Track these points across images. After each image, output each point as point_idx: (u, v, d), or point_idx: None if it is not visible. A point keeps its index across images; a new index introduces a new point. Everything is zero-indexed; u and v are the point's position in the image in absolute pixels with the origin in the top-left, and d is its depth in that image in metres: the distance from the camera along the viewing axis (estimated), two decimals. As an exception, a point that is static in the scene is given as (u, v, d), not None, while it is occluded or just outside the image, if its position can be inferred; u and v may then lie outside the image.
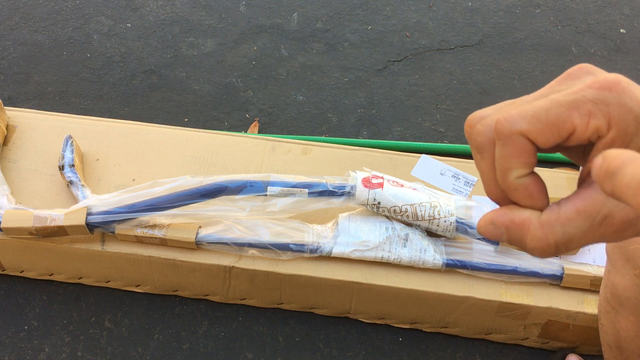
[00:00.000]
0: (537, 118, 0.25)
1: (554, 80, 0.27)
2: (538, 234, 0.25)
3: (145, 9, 1.30)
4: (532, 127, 0.25)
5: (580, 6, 1.35)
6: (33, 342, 0.81)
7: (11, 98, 1.12)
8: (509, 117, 0.25)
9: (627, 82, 0.25)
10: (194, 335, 0.83)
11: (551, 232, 0.25)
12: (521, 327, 0.78)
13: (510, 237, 0.27)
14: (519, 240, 0.26)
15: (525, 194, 0.26)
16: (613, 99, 0.24)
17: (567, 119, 0.24)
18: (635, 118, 0.24)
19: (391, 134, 1.10)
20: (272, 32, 1.27)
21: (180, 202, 0.73)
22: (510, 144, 0.25)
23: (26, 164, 0.85)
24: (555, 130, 0.25)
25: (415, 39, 1.27)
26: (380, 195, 0.73)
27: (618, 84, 0.24)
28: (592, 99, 0.24)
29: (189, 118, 1.11)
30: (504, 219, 0.26)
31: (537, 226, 0.25)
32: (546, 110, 0.25)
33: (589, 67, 0.26)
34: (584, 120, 0.24)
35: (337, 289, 0.77)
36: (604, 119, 0.24)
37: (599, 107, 0.24)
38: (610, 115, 0.24)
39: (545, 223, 0.25)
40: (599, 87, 0.24)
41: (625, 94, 0.24)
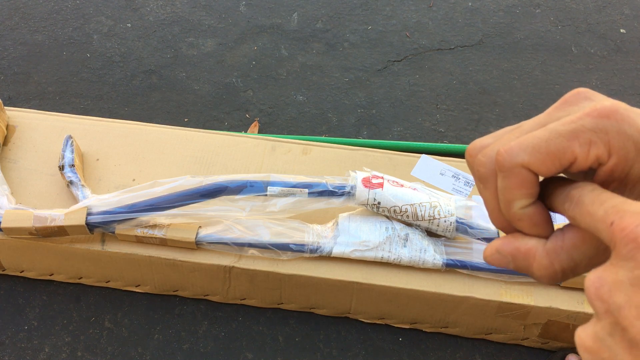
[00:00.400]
0: (538, 149, 0.25)
1: (551, 107, 0.28)
2: (544, 262, 0.26)
3: (145, 9, 1.30)
4: (532, 159, 0.25)
5: (580, 6, 1.35)
6: (33, 342, 0.81)
7: (11, 98, 1.12)
8: (510, 150, 0.25)
9: (625, 108, 0.25)
10: (194, 335, 0.83)
11: (557, 260, 0.25)
12: (521, 327, 0.78)
13: (516, 265, 0.27)
14: (526, 268, 0.27)
15: (530, 223, 0.26)
16: (612, 127, 0.24)
17: (567, 149, 0.25)
18: (635, 144, 0.24)
19: (391, 134, 1.10)
20: (272, 32, 1.27)
21: (180, 202, 0.73)
22: (512, 176, 0.25)
23: (26, 164, 0.85)
24: (557, 161, 0.25)
25: (415, 39, 1.27)
26: (380, 195, 0.73)
27: (616, 112, 0.25)
28: (591, 127, 0.24)
29: (189, 118, 1.11)
30: (510, 247, 0.27)
31: (542, 254, 0.26)
32: (546, 141, 0.25)
33: (586, 92, 0.27)
34: (585, 149, 0.25)
35: (337, 289, 0.77)
36: (604, 147, 0.24)
37: (599, 136, 0.24)
38: (610, 143, 0.24)
39: (551, 251, 0.26)
40: (597, 116, 0.25)
41: (624, 121, 0.24)
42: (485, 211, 0.75)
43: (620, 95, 1.18)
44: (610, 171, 0.25)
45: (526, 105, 1.15)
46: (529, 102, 1.16)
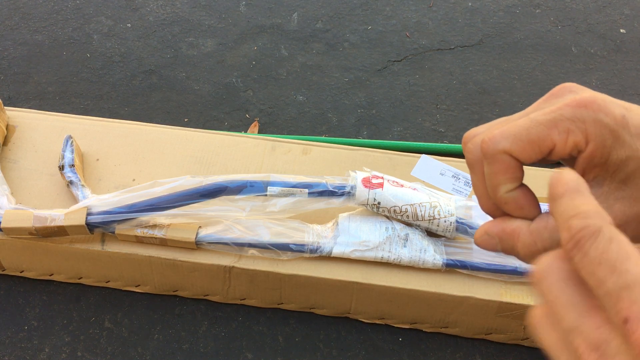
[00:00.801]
0: (519, 137, 0.26)
1: (539, 99, 0.29)
2: (527, 241, 0.27)
3: (145, 9, 1.30)
4: (514, 146, 0.26)
5: (580, 6, 1.35)
6: (33, 342, 0.81)
7: (11, 98, 1.12)
8: (492, 138, 0.27)
9: (603, 99, 0.26)
10: (194, 335, 0.83)
11: (540, 239, 0.27)
12: (521, 327, 0.78)
13: (503, 246, 0.29)
14: (511, 248, 0.28)
15: (516, 206, 0.28)
16: (589, 116, 0.26)
17: (546, 136, 0.26)
18: (612, 132, 0.25)
19: (391, 134, 1.10)
20: (272, 32, 1.27)
21: (180, 202, 0.73)
22: (496, 162, 0.27)
23: (26, 164, 0.85)
24: (537, 147, 0.26)
25: (415, 39, 1.27)
26: (380, 195, 0.73)
27: (593, 102, 0.26)
28: (569, 117, 0.26)
29: (189, 118, 1.11)
30: (497, 228, 0.29)
31: (526, 233, 0.27)
32: (527, 129, 0.26)
33: (572, 86, 0.28)
34: (563, 137, 0.26)
35: (337, 289, 0.77)
36: (581, 135, 0.26)
37: (576, 124, 0.26)
38: (587, 131, 0.26)
39: (534, 231, 0.27)
40: (575, 105, 0.26)
41: (600, 110, 0.26)
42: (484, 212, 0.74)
43: (620, 95, 1.18)
44: (589, 158, 0.26)
45: (526, 105, 1.15)
46: (529, 102, 1.16)
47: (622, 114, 0.26)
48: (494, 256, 0.75)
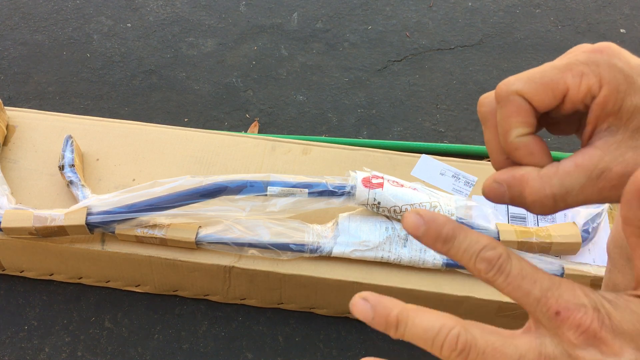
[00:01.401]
0: (532, 79, 0.26)
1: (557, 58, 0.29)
2: (536, 186, 0.27)
3: (145, 9, 1.30)
4: (527, 87, 0.26)
5: (580, 6, 1.35)
6: (33, 342, 0.81)
7: (11, 98, 1.12)
8: (507, 81, 0.27)
9: (617, 47, 0.26)
10: (194, 335, 0.83)
11: (549, 184, 0.26)
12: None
13: (511, 193, 0.28)
14: (519, 194, 0.27)
15: (527, 151, 0.27)
16: (603, 60, 0.26)
17: (560, 79, 0.26)
18: (626, 77, 0.25)
19: (391, 134, 1.10)
20: (272, 32, 1.27)
21: (180, 202, 0.73)
22: (508, 104, 0.27)
23: (26, 164, 0.85)
24: (550, 90, 0.26)
25: (415, 39, 1.27)
26: (380, 195, 0.73)
27: (608, 48, 0.26)
28: (583, 61, 0.26)
29: (189, 118, 1.11)
30: (506, 175, 0.28)
31: (535, 178, 0.27)
32: (541, 72, 0.26)
33: (588, 44, 0.28)
34: (577, 80, 0.26)
35: (337, 289, 0.77)
36: (595, 79, 0.26)
37: (590, 68, 0.26)
38: (601, 74, 0.26)
39: (544, 176, 0.27)
40: (590, 51, 0.26)
41: (614, 55, 0.26)
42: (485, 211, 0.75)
43: (620, 95, 1.18)
44: (603, 104, 0.26)
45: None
46: (529, 102, 1.16)
47: (637, 63, 0.26)
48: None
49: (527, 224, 0.81)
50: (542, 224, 0.81)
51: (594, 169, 0.25)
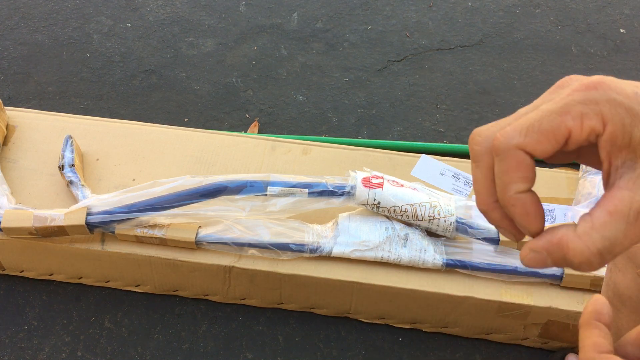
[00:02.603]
0: (532, 129, 0.25)
1: (545, 92, 0.28)
2: (579, 247, 0.25)
3: (145, 9, 1.30)
4: (527, 139, 0.25)
5: (580, 6, 1.35)
6: (33, 342, 0.81)
7: (11, 98, 1.12)
8: (505, 133, 0.26)
9: (611, 79, 0.25)
10: (194, 335, 0.83)
11: (591, 241, 0.25)
12: (521, 327, 0.78)
13: (553, 259, 0.26)
14: (563, 259, 0.26)
15: (522, 210, 0.26)
16: (601, 97, 0.25)
17: (560, 124, 0.25)
18: (628, 110, 0.24)
19: (391, 134, 1.10)
20: (272, 32, 1.27)
21: (180, 202, 0.73)
22: (508, 158, 0.26)
23: (26, 164, 0.85)
24: (552, 137, 0.25)
25: (415, 39, 1.27)
26: (380, 195, 0.73)
27: (602, 83, 0.25)
28: (580, 100, 0.25)
29: (189, 118, 1.11)
30: (542, 242, 0.26)
31: (575, 240, 0.25)
32: (539, 120, 0.25)
33: (578, 76, 0.27)
34: (577, 122, 0.25)
35: (337, 289, 0.77)
36: (596, 118, 0.25)
37: (590, 107, 0.25)
38: (602, 112, 0.25)
39: (583, 234, 0.25)
40: (585, 89, 0.25)
41: (611, 89, 0.25)
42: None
43: (620, 95, 1.18)
44: (611, 140, 0.25)
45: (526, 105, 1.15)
46: (528, 102, 1.15)
47: (634, 91, 0.25)
48: (494, 256, 0.75)
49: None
50: (542, 224, 0.81)
51: (629, 212, 0.24)
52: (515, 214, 0.27)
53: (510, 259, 0.75)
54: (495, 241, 0.74)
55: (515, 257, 0.75)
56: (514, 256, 0.75)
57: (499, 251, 0.75)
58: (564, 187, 0.86)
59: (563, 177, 0.87)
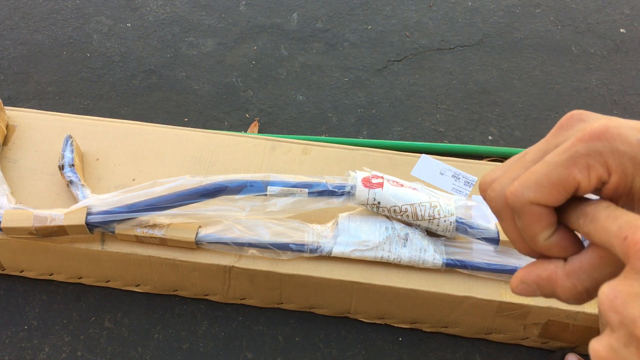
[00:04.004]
0: (541, 184, 0.26)
1: (549, 133, 0.29)
2: (567, 285, 0.26)
3: (145, 8, 1.30)
4: (539, 195, 0.26)
5: (580, 6, 1.35)
6: (33, 342, 0.81)
7: (11, 98, 1.12)
8: (515, 191, 0.27)
9: (615, 126, 0.26)
10: (194, 335, 0.83)
11: (579, 281, 0.26)
12: (521, 327, 0.78)
13: (543, 292, 0.28)
14: (552, 293, 0.27)
15: (559, 249, 0.27)
16: (605, 148, 0.25)
17: (568, 177, 0.26)
18: (631, 159, 0.25)
19: (391, 134, 1.10)
20: (272, 32, 1.27)
21: (180, 202, 0.73)
22: (526, 214, 0.27)
23: (26, 164, 0.85)
24: (562, 190, 0.26)
25: (415, 38, 1.27)
26: (380, 195, 0.73)
27: (606, 132, 0.25)
28: (585, 152, 0.25)
29: (189, 118, 1.11)
30: (532, 276, 0.28)
31: (563, 277, 0.26)
32: (547, 174, 0.26)
33: (580, 115, 0.28)
34: (585, 174, 0.25)
35: (337, 289, 0.77)
36: (602, 169, 0.25)
37: (595, 159, 0.25)
38: (607, 163, 0.25)
39: (571, 273, 0.26)
40: (589, 139, 0.25)
41: (614, 139, 0.25)
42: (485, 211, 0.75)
43: (620, 95, 1.18)
44: (615, 189, 0.26)
45: (526, 105, 1.15)
46: (529, 102, 1.16)
47: (637, 138, 0.25)
48: (494, 256, 0.75)
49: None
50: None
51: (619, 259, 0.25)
52: (554, 254, 0.28)
53: (510, 259, 0.75)
54: (495, 241, 0.74)
55: (516, 257, 0.75)
56: (514, 256, 0.75)
57: (499, 251, 0.75)
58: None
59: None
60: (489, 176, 0.29)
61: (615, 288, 0.22)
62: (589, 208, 0.25)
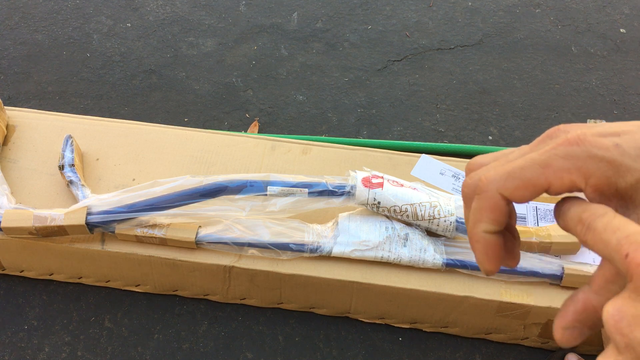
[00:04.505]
0: (512, 176, 0.27)
1: (536, 140, 0.29)
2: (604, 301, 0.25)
3: (145, 8, 1.30)
4: (507, 184, 0.27)
5: (580, 6, 1.35)
6: (33, 341, 0.81)
7: (11, 98, 1.12)
8: (489, 176, 0.28)
9: (592, 133, 0.26)
10: (194, 335, 0.83)
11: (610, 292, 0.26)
12: (521, 327, 0.78)
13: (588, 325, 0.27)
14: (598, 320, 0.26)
15: (483, 250, 0.28)
16: (582, 152, 0.26)
17: (541, 176, 0.26)
18: (610, 163, 0.26)
19: (391, 134, 1.10)
20: (272, 32, 1.27)
21: (180, 201, 0.73)
22: (485, 198, 0.27)
23: (26, 164, 0.85)
24: (530, 187, 0.27)
25: (415, 38, 1.27)
26: (380, 194, 0.73)
27: (584, 139, 0.26)
28: (562, 155, 0.26)
29: (189, 118, 1.11)
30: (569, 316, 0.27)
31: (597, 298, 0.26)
32: (521, 169, 0.27)
33: (566, 127, 0.28)
34: (558, 176, 0.26)
35: (337, 289, 0.77)
36: (577, 172, 0.26)
37: (571, 162, 0.26)
38: (582, 168, 0.26)
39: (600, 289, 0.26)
40: (567, 144, 0.26)
41: (592, 145, 0.26)
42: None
43: (620, 95, 1.18)
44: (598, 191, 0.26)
45: (526, 105, 1.15)
46: (529, 102, 1.16)
47: (614, 143, 0.26)
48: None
49: (527, 224, 0.81)
50: (542, 223, 0.82)
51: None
52: (476, 249, 0.28)
53: (510, 258, 0.75)
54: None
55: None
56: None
57: (499, 251, 0.75)
58: (564, 187, 0.86)
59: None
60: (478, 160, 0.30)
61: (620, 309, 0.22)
62: (586, 215, 0.25)
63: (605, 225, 0.24)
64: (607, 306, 0.23)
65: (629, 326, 0.22)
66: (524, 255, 0.75)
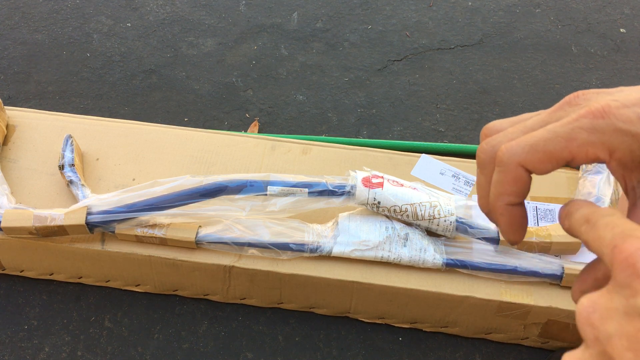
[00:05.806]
0: (535, 148, 0.26)
1: (554, 106, 0.29)
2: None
3: (145, 8, 1.30)
4: (530, 157, 0.26)
5: (580, 6, 1.35)
6: (33, 341, 0.81)
7: (11, 98, 1.12)
8: (510, 147, 0.27)
9: (617, 106, 0.26)
10: (194, 335, 0.83)
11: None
12: (521, 327, 0.78)
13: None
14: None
15: (508, 221, 0.28)
16: (607, 126, 0.25)
17: (564, 149, 0.26)
18: (634, 136, 0.25)
19: (391, 134, 1.10)
20: (272, 32, 1.27)
21: (180, 201, 0.73)
22: (508, 171, 0.27)
23: (26, 164, 0.85)
24: (554, 160, 0.26)
25: (415, 38, 1.27)
26: (380, 194, 0.73)
27: (609, 111, 0.25)
28: (587, 128, 0.26)
29: (189, 118, 1.11)
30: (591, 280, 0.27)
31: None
32: (544, 141, 0.26)
33: (586, 94, 0.28)
34: (582, 149, 0.26)
35: (337, 289, 0.77)
36: (601, 147, 0.25)
37: (596, 136, 0.25)
38: (608, 142, 0.25)
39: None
40: (592, 116, 0.26)
41: (617, 118, 0.25)
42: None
43: (620, 94, 1.18)
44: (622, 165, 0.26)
45: (526, 105, 1.15)
46: (529, 102, 1.16)
47: (637, 114, 0.25)
48: (494, 256, 0.75)
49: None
50: (542, 223, 0.82)
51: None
52: (500, 222, 0.28)
53: (510, 258, 0.75)
54: (495, 241, 0.74)
55: (516, 256, 0.75)
56: (514, 256, 0.75)
57: (499, 251, 0.75)
58: (564, 186, 0.86)
59: (563, 176, 0.87)
60: (495, 124, 0.30)
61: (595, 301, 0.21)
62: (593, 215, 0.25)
63: (607, 223, 0.24)
64: (582, 299, 0.22)
65: (600, 319, 0.21)
66: (524, 255, 0.75)
